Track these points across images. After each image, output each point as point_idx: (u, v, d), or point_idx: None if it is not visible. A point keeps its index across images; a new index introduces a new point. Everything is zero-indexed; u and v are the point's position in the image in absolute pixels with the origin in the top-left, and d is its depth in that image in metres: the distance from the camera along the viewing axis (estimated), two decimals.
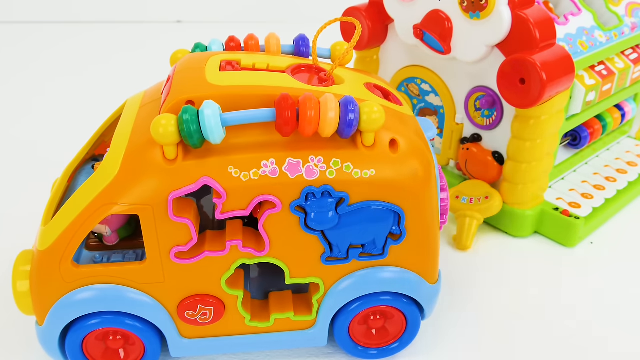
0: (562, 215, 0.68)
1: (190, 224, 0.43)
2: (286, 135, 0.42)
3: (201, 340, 0.49)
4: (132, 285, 0.45)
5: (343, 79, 0.50)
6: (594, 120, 0.77)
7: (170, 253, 0.44)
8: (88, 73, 1.23)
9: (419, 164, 0.45)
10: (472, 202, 0.69)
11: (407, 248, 0.47)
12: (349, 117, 0.41)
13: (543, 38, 0.59)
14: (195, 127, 0.39)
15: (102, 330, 0.47)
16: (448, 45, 0.65)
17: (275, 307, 0.49)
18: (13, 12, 1.55)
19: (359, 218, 0.45)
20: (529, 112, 0.62)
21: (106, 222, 0.49)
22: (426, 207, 0.46)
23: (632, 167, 0.80)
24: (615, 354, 0.55)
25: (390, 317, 0.51)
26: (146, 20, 1.58)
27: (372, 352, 0.53)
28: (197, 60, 0.49)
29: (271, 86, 0.45)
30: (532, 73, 0.58)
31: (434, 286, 0.50)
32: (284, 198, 0.43)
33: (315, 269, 0.47)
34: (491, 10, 0.60)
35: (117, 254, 0.49)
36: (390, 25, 0.75)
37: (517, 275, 0.65)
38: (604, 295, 0.62)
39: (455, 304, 0.60)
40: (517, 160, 0.66)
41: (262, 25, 1.27)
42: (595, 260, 0.67)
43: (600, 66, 0.70)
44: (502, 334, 0.57)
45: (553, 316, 0.59)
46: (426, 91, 0.75)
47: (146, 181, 0.42)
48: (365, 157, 0.43)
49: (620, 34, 0.71)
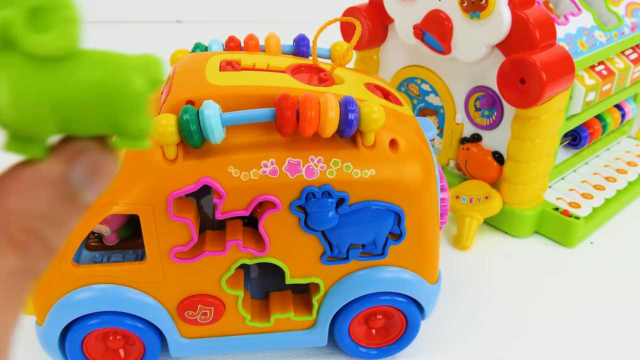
0: (562, 215, 0.68)
1: (190, 224, 0.43)
2: (286, 135, 0.42)
3: (201, 340, 0.49)
4: (132, 285, 0.45)
5: (343, 79, 0.50)
6: (594, 120, 0.77)
7: (170, 253, 0.44)
8: None
9: (419, 164, 0.45)
10: (472, 202, 0.69)
11: (407, 248, 0.47)
12: (349, 117, 0.41)
13: (543, 38, 0.59)
14: (195, 127, 0.39)
15: (102, 330, 0.47)
16: (448, 45, 0.65)
17: (275, 307, 0.49)
18: None
19: (359, 218, 0.45)
20: (529, 112, 0.62)
21: (106, 222, 0.48)
22: (426, 207, 0.46)
23: (632, 167, 0.80)
24: (616, 354, 0.55)
25: (390, 317, 0.51)
26: (146, 20, 1.58)
27: (372, 352, 0.53)
28: (197, 60, 0.49)
29: (271, 86, 0.45)
30: (532, 73, 0.58)
31: (434, 286, 0.50)
32: (284, 198, 0.43)
33: (315, 269, 0.47)
34: (491, 10, 0.60)
35: (117, 254, 0.49)
36: (390, 25, 0.75)
37: (517, 275, 0.65)
38: (604, 295, 0.62)
39: (455, 304, 0.60)
40: (517, 160, 0.66)
41: (262, 25, 1.27)
42: (595, 260, 0.67)
43: (600, 66, 0.70)
44: (502, 334, 0.57)
45: (553, 316, 0.59)
46: (426, 91, 0.75)
47: (146, 181, 0.42)
48: (365, 157, 0.43)
49: (620, 34, 0.71)
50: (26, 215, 0.17)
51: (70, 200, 0.19)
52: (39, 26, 0.17)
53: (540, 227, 0.70)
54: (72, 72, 0.18)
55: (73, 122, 0.19)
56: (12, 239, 0.17)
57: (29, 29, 0.17)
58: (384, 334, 0.52)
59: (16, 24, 0.17)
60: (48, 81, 0.18)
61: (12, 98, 0.17)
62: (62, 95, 0.18)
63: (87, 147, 0.19)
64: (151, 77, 0.20)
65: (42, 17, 0.17)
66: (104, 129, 0.19)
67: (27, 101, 0.18)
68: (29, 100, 0.18)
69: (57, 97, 0.18)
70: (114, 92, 0.19)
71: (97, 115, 0.19)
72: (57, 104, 0.18)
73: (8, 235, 0.17)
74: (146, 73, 0.20)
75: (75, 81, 0.18)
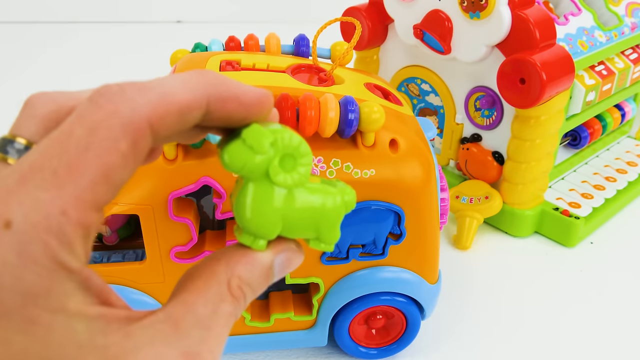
0: (562, 215, 0.68)
1: (190, 224, 0.43)
2: None
3: None
4: (132, 285, 0.45)
5: (343, 79, 0.50)
6: (594, 120, 0.77)
7: (170, 253, 0.44)
8: (88, 73, 1.23)
9: (419, 164, 0.45)
10: (472, 202, 0.69)
11: (407, 248, 0.47)
12: (349, 117, 0.41)
13: (543, 38, 0.59)
14: None
15: None
16: (448, 45, 0.65)
17: (275, 307, 0.49)
18: (10, 12, 1.55)
19: (359, 218, 0.45)
20: (529, 112, 0.62)
21: (106, 222, 0.48)
22: (426, 207, 0.46)
23: (632, 167, 0.80)
24: (615, 354, 0.55)
25: (390, 317, 0.51)
26: (146, 20, 1.58)
27: (372, 352, 0.53)
28: (197, 60, 0.49)
29: (271, 86, 0.45)
30: (532, 73, 0.58)
31: (434, 286, 0.50)
32: None
33: (315, 269, 0.47)
34: (491, 10, 0.60)
35: (117, 254, 0.49)
36: (390, 25, 0.75)
37: (517, 275, 0.65)
38: (604, 295, 0.62)
39: (455, 304, 0.60)
40: (517, 160, 0.66)
41: (262, 25, 1.27)
42: (595, 260, 0.67)
43: (600, 66, 0.70)
44: (502, 334, 0.57)
45: (553, 316, 0.59)
46: (426, 91, 0.75)
47: (146, 181, 0.42)
48: (365, 157, 0.43)
49: (620, 34, 0.71)
50: (243, 281, 0.26)
51: (267, 278, 0.28)
52: (285, 167, 0.26)
53: (540, 227, 0.70)
54: (300, 199, 0.26)
55: (291, 230, 0.27)
56: (231, 291, 0.26)
57: (279, 168, 0.25)
58: (384, 334, 0.52)
59: (272, 165, 0.25)
60: (282, 203, 0.26)
61: (253, 206, 0.26)
62: (289, 213, 0.26)
63: (290, 247, 0.28)
64: (347, 202, 0.28)
65: (288, 161, 0.26)
66: (309, 235, 0.28)
67: (264, 212, 0.26)
68: (266, 212, 0.26)
69: (285, 214, 0.26)
70: (323, 213, 0.27)
71: (309, 226, 0.27)
72: (285, 217, 0.26)
73: (230, 289, 0.25)
74: (343, 198, 0.28)
75: (301, 205, 0.26)
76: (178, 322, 0.23)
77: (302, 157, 0.26)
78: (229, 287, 0.26)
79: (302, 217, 0.27)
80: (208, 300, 0.25)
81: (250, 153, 0.25)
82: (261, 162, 0.25)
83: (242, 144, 0.25)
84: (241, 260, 0.26)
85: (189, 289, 0.25)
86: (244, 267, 0.26)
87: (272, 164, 0.25)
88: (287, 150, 0.25)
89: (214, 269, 0.26)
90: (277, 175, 0.25)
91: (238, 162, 0.25)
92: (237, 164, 0.25)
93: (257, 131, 0.25)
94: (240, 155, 0.25)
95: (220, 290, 0.25)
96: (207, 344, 0.24)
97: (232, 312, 0.25)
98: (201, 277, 0.25)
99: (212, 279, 0.25)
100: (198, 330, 0.24)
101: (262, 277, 0.27)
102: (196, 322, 0.24)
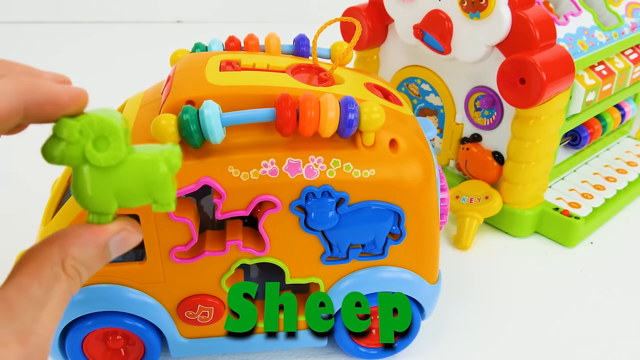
0: (562, 215, 0.68)
1: (190, 224, 0.43)
2: (286, 135, 0.42)
3: (201, 340, 0.49)
4: (132, 285, 0.45)
5: (343, 79, 0.50)
6: (594, 120, 0.77)
7: (171, 253, 0.44)
8: (88, 73, 1.23)
9: (419, 164, 0.45)
10: (472, 202, 0.69)
11: (407, 248, 0.47)
12: (349, 117, 0.41)
13: (543, 38, 0.59)
14: (195, 127, 0.39)
15: (102, 330, 0.47)
16: (448, 45, 0.65)
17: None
18: (10, 12, 1.55)
19: (359, 218, 0.45)
20: (529, 112, 0.62)
21: None
22: (426, 207, 0.46)
23: (632, 167, 0.80)
24: (615, 354, 0.55)
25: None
26: (146, 21, 1.58)
27: (372, 352, 0.53)
28: (197, 60, 0.49)
29: (271, 86, 0.45)
30: (532, 73, 0.58)
31: (434, 286, 0.50)
32: (284, 198, 0.43)
33: (315, 269, 0.47)
34: (491, 10, 0.60)
35: None
36: (390, 25, 0.75)
37: (517, 275, 0.65)
38: (604, 295, 0.62)
39: (455, 304, 0.60)
40: (517, 160, 0.66)
41: (262, 25, 1.27)
42: (595, 260, 0.67)
43: (600, 66, 0.70)
44: (502, 334, 0.57)
45: (553, 316, 0.59)
46: (426, 91, 0.75)
47: None
48: (365, 157, 0.43)
49: (620, 34, 0.71)
50: (77, 260, 0.29)
51: (103, 257, 0.30)
52: (99, 148, 0.29)
53: (540, 227, 0.70)
54: (124, 171, 0.30)
55: (127, 200, 0.30)
56: (65, 271, 0.28)
57: (95, 151, 0.29)
58: None
59: (87, 149, 0.29)
60: (109, 179, 0.30)
61: (84, 188, 0.30)
62: (119, 186, 0.30)
63: (126, 227, 0.31)
64: (167, 159, 0.31)
65: (101, 142, 0.29)
66: (147, 201, 0.31)
67: (98, 192, 0.30)
68: (99, 192, 0.30)
69: (116, 188, 0.30)
70: (150, 178, 0.30)
71: (141, 193, 0.31)
72: (117, 191, 0.30)
73: (64, 269, 0.28)
74: (165, 158, 0.30)
75: (126, 176, 0.30)
76: (12, 305, 0.26)
77: (112, 134, 0.29)
78: (63, 267, 0.28)
79: (131, 187, 0.30)
80: (42, 282, 0.27)
81: (64, 144, 0.28)
82: (76, 150, 0.29)
83: (54, 139, 0.28)
84: (75, 242, 0.29)
85: (23, 272, 0.27)
86: (77, 248, 0.29)
87: (87, 148, 0.29)
88: (98, 133, 0.29)
89: (46, 253, 0.28)
90: (93, 157, 0.29)
91: (56, 156, 0.28)
92: (56, 157, 0.29)
93: (65, 124, 0.28)
94: (55, 149, 0.28)
95: (55, 271, 0.28)
96: (40, 321, 0.26)
97: (67, 289, 0.28)
98: (35, 260, 0.28)
99: (45, 261, 0.28)
100: (32, 311, 0.26)
101: (97, 257, 0.30)
102: (30, 303, 0.26)
